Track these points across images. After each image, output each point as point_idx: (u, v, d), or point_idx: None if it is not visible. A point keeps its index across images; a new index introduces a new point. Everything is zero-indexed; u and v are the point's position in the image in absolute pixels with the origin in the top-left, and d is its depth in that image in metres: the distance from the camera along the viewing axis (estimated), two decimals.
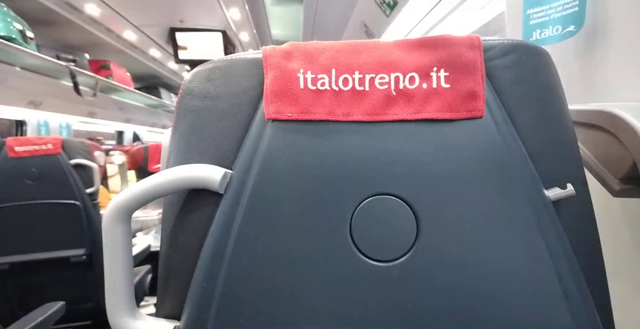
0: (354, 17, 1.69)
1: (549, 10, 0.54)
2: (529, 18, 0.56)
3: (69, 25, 2.27)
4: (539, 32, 0.55)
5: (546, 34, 0.54)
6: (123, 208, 0.36)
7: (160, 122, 4.61)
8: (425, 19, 1.29)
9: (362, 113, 0.33)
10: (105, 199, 2.60)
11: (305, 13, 2.27)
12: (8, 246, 1.46)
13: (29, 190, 1.47)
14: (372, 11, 1.41)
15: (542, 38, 0.55)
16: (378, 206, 0.33)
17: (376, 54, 0.34)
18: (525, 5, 0.56)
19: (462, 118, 0.33)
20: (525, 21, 0.57)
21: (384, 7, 1.28)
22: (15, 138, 1.49)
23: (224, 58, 0.37)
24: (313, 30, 2.43)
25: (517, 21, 0.60)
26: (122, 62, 3.07)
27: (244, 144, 0.35)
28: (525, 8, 0.56)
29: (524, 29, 0.58)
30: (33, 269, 1.49)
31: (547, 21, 0.54)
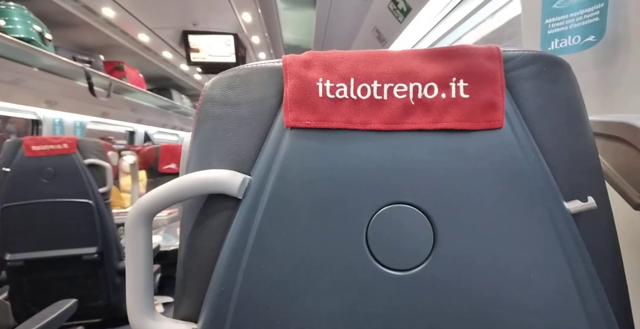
0: (366, 23, 1.70)
1: (568, 20, 0.54)
2: (547, 27, 0.56)
3: (85, 27, 2.32)
4: (557, 41, 0.55)
5: (565, 44, 0.54)
6: (145, 211, 0.37)
7: (171, 123, 4.66)
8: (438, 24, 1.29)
9: (380, 122, 0.34)
10: (117, 198, 2.64)
11: (318, 18, 2.28)
12: (23, 244, 1.49)
13: (44, 189, 1.50)
14: (384, 17, 1.41)
15: (560, 48, 0.55)
16: (394, 215, 0.33)
17: (395, 64, 0.34)
18: (543, 15, 0.56)
19: (481, 129, 0.33)
20: (543, 31, 0.57)
21: (397, 13, 1.28)
22: (32, 138, 1.52)
23: (245, 67, 0.37)
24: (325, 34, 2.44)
25: (534, 30, 0.60)
26: (135, 64, 3.12)
27: (263, 150, 0.35)
28: (543, 18, 0.56)
29: (541, 39, 0.57)
30: (46, 266, 1.52)
31: (566, 31, 0.54)
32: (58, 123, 2.55)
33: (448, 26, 1.30)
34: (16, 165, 1.48)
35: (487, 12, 1.25)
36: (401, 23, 1.33)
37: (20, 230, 1.49)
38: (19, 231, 1.48)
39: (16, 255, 1.47)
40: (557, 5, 0.54)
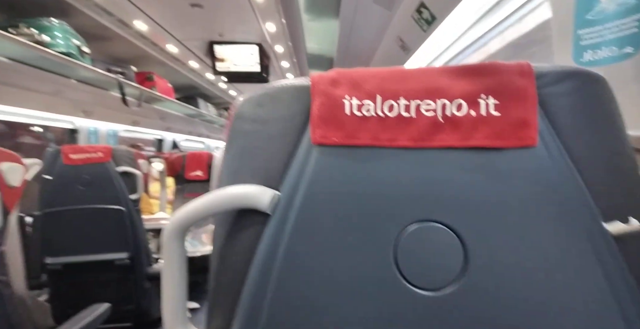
0: (390, 32, 1.70)
1: (603, 31, 0.52)
2: (580, 38, 0.55)
3: (119, 40, 2.44)
4: (592, 53, 0.54)
5: (600, 55, 0.53)
6: (180, 225, 0.39)
7: (197, 131, 4.79)
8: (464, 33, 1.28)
9: (408, 139, 0.34)
10: (146, 205, 2.73)
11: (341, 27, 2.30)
12: (61, 248, 1.56)
13: (81, 195, 1.58)
14: (408, 26, 1.41)
15: (594, 59, 0.54)
16: (423, 233, 0.33)
17: (422, 81, 0.34)
18: (575, 26, 0.55)
19: (513, 147, 0.32)
20: (576, 41, 0.55)
21: (421, 23, 1.28)
22: (70, 146, 1.61)
23: (274, 85, 0.38)
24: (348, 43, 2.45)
25: (566, 41, 0.58)
26: (164, 74, 3.24)
27: (291, 167, 0.36)
28: (575, 28, 0.55)
29: (574, 49, 0.56)
30: (82, 270, 1.59)
31: (601, 42, 0.52)
32: (93, 132, 2.68)
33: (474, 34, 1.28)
34: (56, 173, 1.56)
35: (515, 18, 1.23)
36: (425, 32, 1.32)
37: (58, 234, 1.56)
38: (57, 236, 1.56)
39: (55, 258, 1.55)
40: (590, 16, 0.53)
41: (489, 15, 1.15)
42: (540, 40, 1.28)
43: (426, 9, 1.21)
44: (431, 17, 1.22)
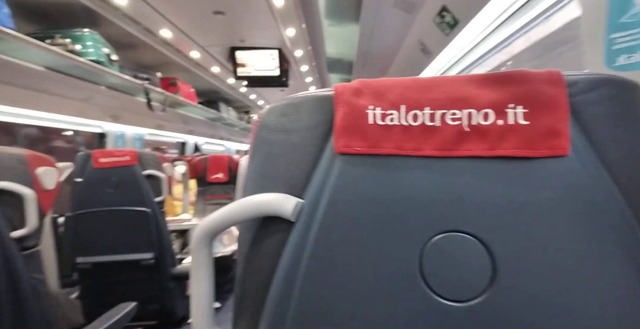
0: (411, 36, 1.69)
1: (638, 35, 0.50)
2: (613, 43, 0.53)
3: (145, 47, 2.53)
4: (626, 56, 0.52)
5: (635, 59, 0.51)
6: (208, 232, 0.40)
7: (218, 134, 4.89)
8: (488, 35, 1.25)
9: (433, 148, 0.33)
10: (169, 206, 2.81)
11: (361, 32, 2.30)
12: (91, 248, 1.63)
13: (109, 198, 1.64)
14: (430, 30, 1.40)
15: (628, 63, 0.52)
16: (450, 243, 0.32)
17: (446, 90, 0.34)
18: (608, 30, 0.53)
19: (544, 157, 0.31)
20: (608, 46, 0.54)
21: (443, 27, 1.26)
22: (99, 151, 1.68)
23: (298, 96, 0.39)
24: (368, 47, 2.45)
25: (596, 45, 0.57)
26: (187, 79, 3.33)
27: (314, 175, 0.37)
28: (608, 32, 0.53)
29: (606, 54, 0.54)
30: (110, 270, 1.65)
31: (636, 45, 0.51)
32: (120, 136, 2.78)
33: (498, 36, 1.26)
34: (86, 176, 1.63)
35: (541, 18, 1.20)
36: (448, 36, 1.31)
37: (89, 235, 1.63)
38: (88, 237, 1.63)
39: (86, 258, 1.61)
40: (625, 19, 0.51)
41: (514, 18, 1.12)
42: (565, 40, 1.24)
43: (448, 12, 1.20)
44: (454, 20, 1.20)
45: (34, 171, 1.04)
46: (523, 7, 1.03)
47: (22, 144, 2.68)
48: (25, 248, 0.99)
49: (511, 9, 1.05)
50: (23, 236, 0.98)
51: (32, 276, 0.99)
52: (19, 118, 2.03)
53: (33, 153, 1.06)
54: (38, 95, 1.89)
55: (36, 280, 1.00)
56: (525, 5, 1.03)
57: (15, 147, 2.60)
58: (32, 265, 1.00)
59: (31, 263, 1.00)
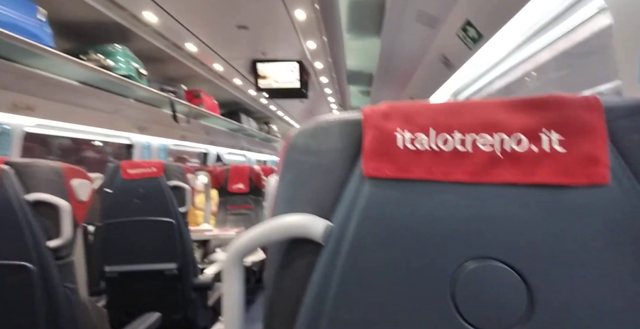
0: (433, 49, 1.69)
1: None
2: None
3: (171, 61, 2.62)
4: None
5: None
6: (239, 253, 0.40)
7: (239, 144, 4.98)
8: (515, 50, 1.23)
9: (464, 173, 0.33)
10: (192, 216, 2.86)
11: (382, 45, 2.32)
12: (118, 257, 1.67)
13: (136, 208, 1.68)
14: (453, 44, 1.39)
15: None
16: (483, 271, 0.32)
17: (477, 114, 0.33)
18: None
19: (582, 185, 0.31)
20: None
21: (467, 41, 1.26)
22: (128, 162, 1.74)
23: (326, 119, 0.40)
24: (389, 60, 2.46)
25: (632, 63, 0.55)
26: (210, 91, 3.43)
27: (343, 198, 0.37)
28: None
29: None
30: (135, 279, 1.69)
31: None
32: (146, 147, 2.88)
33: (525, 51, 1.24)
34: (115, 187, 1.69)
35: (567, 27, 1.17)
36: (471, 49, 1.30)
37: (116, 244, 1.68)
38: (115, 246, 1.68)
39: (113, 267, 1.65)
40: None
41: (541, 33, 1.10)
42: (592, 50, 1.20)
43: (472, 27, 1.20)
44: (477, 35, 1.19)
45: (69, 183, 1.09)
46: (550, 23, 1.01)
47: (56, 154, 2.80)
48: (59, 258, 1.03)
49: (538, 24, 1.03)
50: (58, 246, 1.02)
51: (65, 285, 1.03)
52: (56, 131, 2.14)
53: (69, 166, 1.11)
54: (72, 108, 1.99)
55: (69, 289, 1.04)
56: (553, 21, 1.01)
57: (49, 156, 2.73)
58: (66, 274, 1.04)
59: (65, 272, 1.04)
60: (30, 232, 0.97)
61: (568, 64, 1.36)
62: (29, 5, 1.38)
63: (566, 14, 0.98)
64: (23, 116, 1.74)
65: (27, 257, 0.96)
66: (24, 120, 1.79)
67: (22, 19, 1.32)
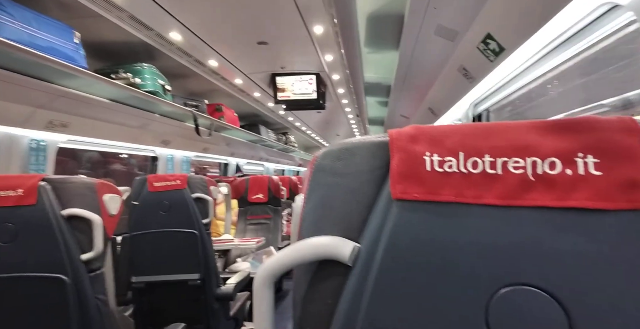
0: (452, 61, 1.69)
1: None
2: None
3: (194, 76, 2.72)
4: None
5: None
6: (269, 275, 0.41)
7: (258, 155, 5.05)
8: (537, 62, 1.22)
9: (495, 196, 0.32)
10: (213, 226, 2.91)
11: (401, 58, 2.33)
12: (144, 268, 1.72)
13: (161, 220, 1.73)
14: (473, 56, 1.39)
15: None
16: (519, 297, 0.31)
17: (507, 137, 0.33)
18: None
19: (622, 209, 0.30)
20: None
21: (488, 53, 1.25)
22: (154, 176, 1.80)
23: (352, 141, 0.40)
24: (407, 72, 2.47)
25: None
26: (230, 104, 3.51)
27: (370, 220, 0.37)
28: None
29: None
30: (161, 290, 1.73)
31: None
32: (170, 159, 2.97)
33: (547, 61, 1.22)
34: (142, 199, 1.75)
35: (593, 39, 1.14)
36: (492, 62, 1.29)
37: (142, 255, 1.73)
38: (142, 257, 1.72)
39: (140, 277, 1.70)
40: None
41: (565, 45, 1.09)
42: (620, 56, 1.16)
43: (493, 40, 1.19)
44: (499, 48, 1.19)
45: (101, 198, 1.14)
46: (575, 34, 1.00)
47: (85, 167, 2.93)
48: (91, 270, 1.08)
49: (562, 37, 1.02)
50: (90, 259, 1.06)
51: (97, 297, 1.07)
52: (86, 145, 2.24)
53: (101, 181, 1.16)
54: (102, 124, 2.08)
55: (100, 301, 1.08)
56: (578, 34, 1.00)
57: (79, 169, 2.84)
58: (97, 286, 1.08)
59: (96, 284, 1.08)
60: (65, 246, 1.02)
61: (592, 70, 1.33)
62: (66, 30, 1.47)
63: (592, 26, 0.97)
64: (57, 133, 1.84)
65: (63, 270, 1.00)
66: (57, 136, 1.89)
67: (60, 43, 1.41)
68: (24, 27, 1.27)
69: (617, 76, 1.24)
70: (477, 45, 1.32)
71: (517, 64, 1.31)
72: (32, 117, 1.63)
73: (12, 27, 1.23)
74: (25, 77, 1.40)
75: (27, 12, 1.31)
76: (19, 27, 1.25)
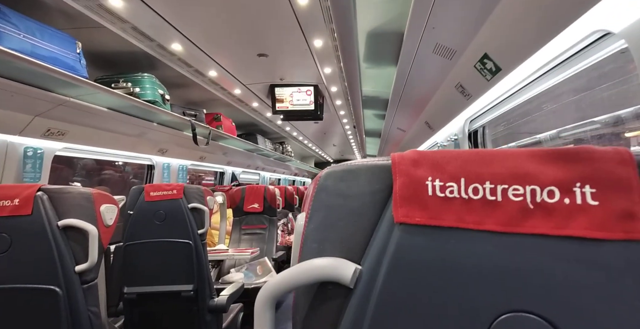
0: (450, 79, 1.72)
1: None
2: None
3: (193, 86, 2.73)
4: None
5: None
6: (270, 297, 0.41)
7: (254, 164, 5.05)
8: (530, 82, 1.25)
9: (495, 223, 0.33)
10: (208, 235, 2.89)
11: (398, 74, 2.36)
12: (136, 278, 1.70)
13: (156, 230, 1.72)
14: (470, 75, 1.42)
15: None
16: (518, 324, 0.31)
17: (508, 165, 0.34)
18: None
19: (618, 239, 0.30)
20: None
21: (485, 72, 1.28)
22: (151, 185, 1.79)
23: (355, 163, 0.41)
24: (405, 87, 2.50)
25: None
26: (228, 113, 3.53)
27: (372, 242, 0.37)
28: None
29: None
30: (153, 300, 1.70)
31: None
32: (166, 167, 2.96)
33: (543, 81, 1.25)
34: (138, 208, 1.74)
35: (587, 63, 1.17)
36: (489, 81, 1.32)
37: (136, 265, 1.70)
38: (135, 267, 1.70)
39: (131, 288, 1.68)
40: None
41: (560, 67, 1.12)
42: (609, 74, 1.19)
43: (490, 60, 1.22)
44: (495, 67, 1.22)
45: (98, 208, 1.13)
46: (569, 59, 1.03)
47: (80, 174, 2.91)
48: (85, 282, 1.06)
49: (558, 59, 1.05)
50: (84, 270, 1.05)
51: (89, 309, 1.05)
52: (82, 153, 2.23)
53: (98, 191, 1.16)
54: (99, 132, 2.08)
55: (92, 313, 1.06)
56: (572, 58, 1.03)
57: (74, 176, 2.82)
58: (90, 298, 1.07)
59: (89, 296, 1.06)
60: (59, 257, 1.01)
61: (586, 88, 1.37)
62: (69, 40, 1.48)
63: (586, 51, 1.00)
64: (55, 141, 1.83)
65: (56, 281, 0.99)
66: (54, 144, 1.88)
67: (62, 53, 1.42)
68: (27, 37, 1.29)
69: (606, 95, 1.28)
70: (474, 64, 1.35)
71: (513, 83, 1.34)
72: (31, 125, 1.63)
73: (16, 37, 1.24)
74: (26, 85, 1.41)
75: (31, 22, 1.33)
76: (22, 38, 1.26)
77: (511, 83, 1.32)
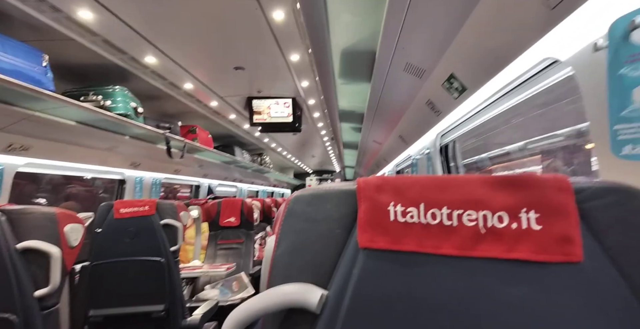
0: (420, 96, 1.78)
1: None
2: (617, 134, 0.57)
3: (168, 98, 2.69)
4: (631, 147, 0.55)
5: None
6: (237, 325, 0.40)
7: (232, 176, 4.98)
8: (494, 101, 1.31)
9: (452, 247, 0.35)
10: (182, 251, 2.80)
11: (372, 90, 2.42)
12: (103, 300, 1.62)
13: (126, 248, 1.65)
14: (439, 93, 1.47)
15: (634, 154, 0.55)
16: None
17: (463, 191, 0.36)
18: (610, 121, 0.57)
19: (558, 262, 0.32)
20: (613, 136, 0.57)
21: (452, 91, 1.34)
22: (121, 201, 1.73)
23: (322, 188, 0.42)
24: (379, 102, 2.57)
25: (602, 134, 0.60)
26: (205, 125, 3.48)
27: (339, 267, 0.38)
28: (611, 124, 0.57)
29: (612, 143, 0.58)
30: (121, 322, 1.62)
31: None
32: (139, 181, 2.87)
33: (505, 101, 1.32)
34: (106, 226, 1.67)
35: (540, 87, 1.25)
36: (456, 99, 1.38)
37: (103, 286, 1.62)
38: (102, 288, 1.62)
39: (98, 310, 1.59)
40: (625, 113, 0.55)
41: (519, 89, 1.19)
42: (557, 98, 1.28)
43: (456, 80, 1.28)
44: (461, 87, 1.27)
45: (62, 229, 1.08)
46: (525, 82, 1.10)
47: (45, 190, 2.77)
48: (45, 307, 1.00)
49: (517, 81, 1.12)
50: (45, 295, 0.99)
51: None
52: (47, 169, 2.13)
53: (63, 211, 1.11)
54: (66, 146, 2.00)
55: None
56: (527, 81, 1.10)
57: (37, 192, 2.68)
58: (50, 325, 1.01)
59: (49, 323, 1.00)
60: (17, 283, 0.95)
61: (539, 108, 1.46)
62: (34, 53, 1.44)
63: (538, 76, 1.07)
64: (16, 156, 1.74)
65: (12, 309, 0.93)
66: (16, 160, 1.79)
67: (27, 66, 1.37)
68: None
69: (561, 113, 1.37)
70: (442, 83, 1.40)
71: (479, 101, 1.40)
72: None
73: None
74: None
75: None
76: None
77: (478, 101, 1.39)
